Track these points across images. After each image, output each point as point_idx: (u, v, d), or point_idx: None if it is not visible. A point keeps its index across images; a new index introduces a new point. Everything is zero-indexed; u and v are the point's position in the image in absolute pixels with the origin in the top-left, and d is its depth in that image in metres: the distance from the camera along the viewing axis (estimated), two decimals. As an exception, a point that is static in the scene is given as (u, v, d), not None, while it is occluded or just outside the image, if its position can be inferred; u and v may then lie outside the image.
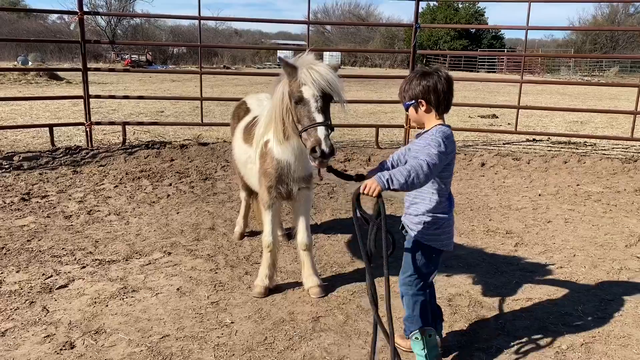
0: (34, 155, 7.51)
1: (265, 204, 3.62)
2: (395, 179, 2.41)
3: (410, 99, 2.66)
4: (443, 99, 2.60)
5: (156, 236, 4.80)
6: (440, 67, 2.73)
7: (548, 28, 40.84)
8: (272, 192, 3.55)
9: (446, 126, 2.65)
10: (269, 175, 3.51)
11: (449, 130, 2.63)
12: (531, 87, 21.64)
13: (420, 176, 2.43)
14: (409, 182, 2.42)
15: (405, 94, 2.68)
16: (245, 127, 4.07)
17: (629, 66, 39.63)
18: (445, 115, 2.71)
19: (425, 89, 2.59)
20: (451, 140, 2.60)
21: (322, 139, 2.88)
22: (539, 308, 3.59)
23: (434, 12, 49.54)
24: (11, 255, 4.27)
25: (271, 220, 3.67)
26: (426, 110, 2.64)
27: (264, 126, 3.53)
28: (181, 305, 3.52)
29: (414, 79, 2.65)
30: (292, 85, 3.05)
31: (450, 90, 2.62)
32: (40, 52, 33.63)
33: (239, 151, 4.13)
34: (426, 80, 2.59)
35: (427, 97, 2.60)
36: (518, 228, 5.27)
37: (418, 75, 2.64)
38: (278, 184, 3.50)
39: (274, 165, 3.47)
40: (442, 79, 2.59)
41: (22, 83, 18.97)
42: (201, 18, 8.96)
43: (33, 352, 2.96)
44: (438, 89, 2.58)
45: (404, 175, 2.42)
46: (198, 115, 9.54)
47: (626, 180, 7.22)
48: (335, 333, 3.21)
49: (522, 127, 10.77)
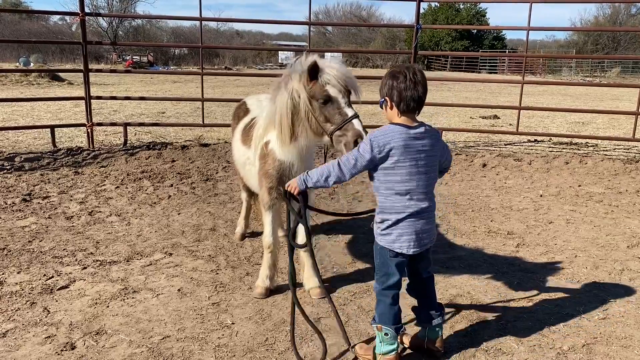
0: (35, 156, 7.52)
1: (266, 204, 3.62)
2: (309, 178, 2.80)
3: (381, 97, 2.75)
4: (405, 97, 2.63)
5: (157, 237, 4.80)
6: (414, 65, 2.71)
7: (550, 29, 40.88)
8: (272, 193, 3.54)
9: (401, 125, 2.66)
10: (270, 176, 3.51)
11: (393, 128, 2.65)
12: (533, 88, 21.64)
13: (332, 175, 2.73)
14: (321, 181, 2.77)
15: (380, 92, 2.78)
16: (243, 129, 4.06)
17: (630, 67, 39.58)
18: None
19: (390, 87, 2.67)
20: (387, 140, 2.62)
21: (362, 130, 2.93)
22: (541, 309, 3.58)
23: (436, 13, 49.59)
24: (12, 256, 4.27)
25: (272, 221, 3.67)
26: (391, 108, 2.71)
27: (264, 128, 3.52)
28: (182, 306, 3.52)
29: (384, 77, 2.73)
30: (314, 87, 3.03)
31: (416, 89, 2.63)
32: (42, 53, 33.67)
33: (238, 153, 4.12)
34: (392, 80, 2.66)
35: (390, 95, 2.68)
36: (519, 229, 5.26)
37: (387, 74, 2.72)
38: (279, 184, 3.50)
39: (275, 166, 3.46)
40: (407, 78, 2.62)
41: (24, 84, 19.01)
42: (202, 19, 8.98)
43: (34, 352, 2.96)
44: (400, 88, 2.63)
45: (317, 175, 2.77)
46: (199, 116, 9.55)
47: (628, 181, 7.21)
48: (336, 334, 3.20)
49: (523, 127, 10.76)
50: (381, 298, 2.83)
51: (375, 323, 2.87)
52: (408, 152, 2.64)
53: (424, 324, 2.98)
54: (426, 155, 2.68)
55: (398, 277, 2.81)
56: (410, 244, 2.72)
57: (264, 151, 3.53)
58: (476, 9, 49.17)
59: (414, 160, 2.66)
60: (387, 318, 2.81)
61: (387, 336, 2.82)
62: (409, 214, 2.70)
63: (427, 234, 2.78)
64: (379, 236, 2.78)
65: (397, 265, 2.78)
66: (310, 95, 3.05)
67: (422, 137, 2.67)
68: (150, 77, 24.37)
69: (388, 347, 2.83)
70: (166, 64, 41.00)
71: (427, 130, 2.70)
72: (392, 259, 2.77)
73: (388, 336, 2.82)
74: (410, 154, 2.64)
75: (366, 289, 3.81)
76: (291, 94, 3.11)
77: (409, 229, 2.71)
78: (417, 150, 2.65)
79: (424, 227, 2.75)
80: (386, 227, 2.73)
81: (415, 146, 2.65)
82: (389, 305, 2.81)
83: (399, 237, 2.72)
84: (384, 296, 2.82)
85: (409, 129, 2.65)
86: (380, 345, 2.85)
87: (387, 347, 2.83)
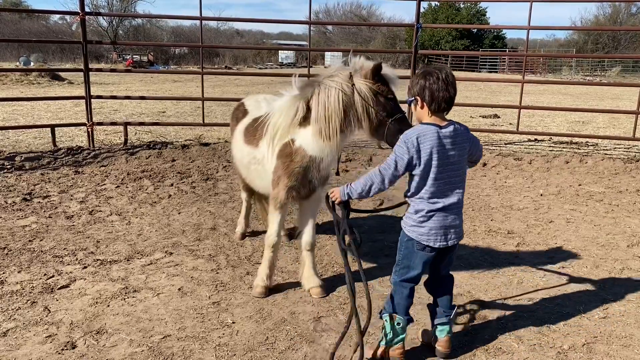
0: (35, 156, 7.53)
1: (279, 203, 3.58)
2: (354, 189, 2.85)
3: (411, 97, 2.82)
4: (437, 97, 2.70)
5: (157, 236, 4.80)
6: (445, 67, 2.80)
7: (550, 28, 40.74)
8: (290, 192, 3.52)
9: (432, 125, 2.73)
10: (294, 174, 3.46)
11: (425, 128, 2.73)
12: (533, 87, 21.63)
13: (374, 184, 2.79)
14: (365, 191, 2.82)
15: (409, 92, 2.84)
16: (246, 129, 4.02)
17: (630, 66, 39.55)
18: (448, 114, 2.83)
19: (422, 87, 2.74)
20: (420, 141, 2.70)
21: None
22: (541, 308, 3.59)
23: (436, 12, 49.56)
24: (13, 255, 4.28)
25: (280, 220, 3.66)
26: (422, 108, 2.78)
27: (285, 126, 3.46)
28: (182, 306, 3.52)
29: (415, 77, 2.80)
30: (379, 85, 3.18)
31: (447, 90, 2.71)
32: (42, 52, 33.69)
33: (240, 153, 4.07)
34: (424, 79, 2.73)
35: (422, 95, 2.75)
36: (520, 228, 5.27)
37: (419, 74, 2.79)
38: (301, 183, 3.49)
39: (304, 163, 3.43)
40: (439, 79, 2.70)
41: (24, 83, 19.01)
42: (203, 18, 8.98)
43: (34, 352, 2.96)
44: (432, 88, 2.70)
45: (360, 186, 2.82)
46: (199, 115, 9.56)
47: (628, 180, 7.21)
48: (337, 333, 3.20)
49: (523, 127, 10.77)
50: (398, 289, 2.93)
51: (386, 312, 2.95)
52: (439, 150, 2.73)
53: (435, 320, 3.04)
54: (456, 153, 2.78)
55: (419, 272, 2.90)
56: (437, 237, 2.81)
57: (289, 149, 3.47)
58: (476, 8, 49.12)
59: (445, 158, 2.75)
60: (401, 308, 2.92)
61: (399, 325, 2.92)
62: (438, 208, 2.79)
63: (454, 230, 2.85)
64: (410, 227, 2.85)
65: (421, 258, 2.86)
66: (375, 90, 3.18)
67: (453, 136, 2.76)
68: (151, 76, 24.37)
69: (398, 337, 2.93)
70: (166, 63, 40.97)
71: (456, 128, 2.79)
72: (418, 252, 2.85)
73: (400, 325, 2.92)
74: (441, 153, 2.73)
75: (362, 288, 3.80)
76: (349, 89, 3.21)
77: (438, 223, 2.80)
78: (448, 149, 2.75)
79: (452, 222, 2.83)
80: (418, 219, 2.81)
81: (446, 145, 2.74)
82: (405, 297, 2.92)
83: (429, 231, 2.81)
84: (401, 287, 2.92)
85: (440, 128, 2.74)
86: (389, 335, 2.93)
87: (396, 337, 2.93)
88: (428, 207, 2.78)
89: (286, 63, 46.40)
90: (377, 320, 3.03)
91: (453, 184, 2.81)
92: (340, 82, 3.24)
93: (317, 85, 3.33)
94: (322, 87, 3.30)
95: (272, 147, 3.57)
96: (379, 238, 4.88)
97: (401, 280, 2.91)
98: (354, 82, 3.21)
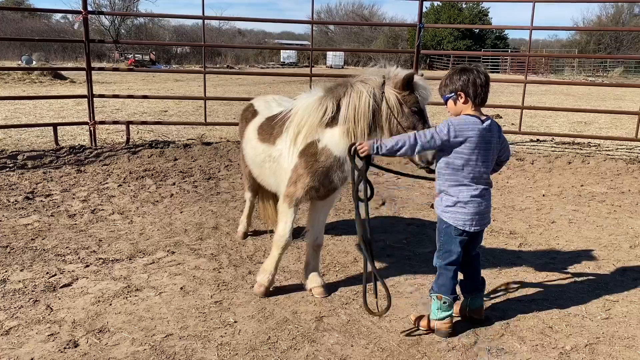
0: (38, 155, 7.54)
1: (294, 201, 3.54)
2: (384, 144, 3.00)
3: (450, 92, 3.02)
4: (480, 91, 2.95)
5: (160, 235, 4.81)
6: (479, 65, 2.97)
7: (552, 28, 40.75)
8: (310, 192, 3.51)
9: (475, 117, 2.95)
10: (318, 174, 3.45)
11: (471, 119, 2.94)
12: (535, 88, 21.59)
13: (405, 145, 2.95)
14: (395, 148, 2.98)
15: (445, 88, 3.05)
16: (260, 127, 4.00)
17: (633, 67, 39.49)
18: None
19: (465, 82, 2.96)
20: (465, 128, 2.92)
21: None
22: (543, 308, 3.58)
23: (438, 12, 49.53)
24: (15, 254, 4.28)
25: (293, 219, 3.63)
26: (464, 102, 2.99)
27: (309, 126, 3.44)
28: (184, 305, 3.52)
29: (454, 74, 3.01)
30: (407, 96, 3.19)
31: (487, 84, 2.98)
32: (44, 51, 33.74)
33: (254, 151, 4.03)
34: (466, 75, 2.96)
35: (465, 89, 2.96)
36: (522, 228, 5.26)
37: (458, 71, 3.01)
38: (321, 183, 3.48)
39: (328, 163, 3.42)
40: (480, 74, 2.96)
41: (26, 82, 19.05)
42: (205, 18, 8.97)
43: (37, 350, 2.97)
44: (476, 83, 2.94)
45: (392, 143, 2.98)
46: (201, 114, 9.55)
47: (630, 181, 7.20)
48: (339, 333, 3.21)
49: (525, 127, 10.75)
50: (443, 272, 3.18)
51: (434, 293, 3.20)
52: (480, 142, 2.95)
53: (467, 294, 3.36)
54: (491, 146, 3.02)
55: (458, 254, 3.14)
56: (473, 222, 3.06)
57: (314, 148, 3.44)
58: (479, 8, 49.10)
59: (483, 149, 2.99)
60: (446, 289, 3.17)
61: (445, 304, 3.16)
62: (474, 195, 3.03)
63: (486, 215, 3.13)
64: (447, 214, 3.08)
65: (460, 242, 3.12)
66: (401, 101, 3.21)
67: (490, 130, 3.00)
68: (153, 75, 24.40)
69: (445, 313, 3.17)
70: (168, 62, 41.05)
71: (492, 123, 3.02)
72: (456, 237, 3.10)
73: (446, 304, 3.16)
74: (481, 144, 2.96)
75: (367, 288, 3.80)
76: (378, 96, 3.23)
77: (473, 209, 3.04)
78: (486, 142, 2.99)
79: (485, 209, 3.10)
80: (454, 206, 3.05)
81: (485, 137, 2.97)
82: (450, 279, 3.16)
83: (465, 217, 3.04)
84: (446, 270, 3.17)
85: (482, 121, 2.97)
86: (437, 312, 3.18)
87: (444, 314, 3.17)
88: (465, 195, 3.01)
89: (288, 63, 46.41)
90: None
91: (486, 175, 3.06)
92: (372, 87, 3.25)
93: (350, 86, 3.34)
94: (354, 89, 3.30)
95: (294, 146, 3.53)
96: (381, 238, 4.88)
97: (445, 264, 3.16)
98: (384, 89, 3.23)
